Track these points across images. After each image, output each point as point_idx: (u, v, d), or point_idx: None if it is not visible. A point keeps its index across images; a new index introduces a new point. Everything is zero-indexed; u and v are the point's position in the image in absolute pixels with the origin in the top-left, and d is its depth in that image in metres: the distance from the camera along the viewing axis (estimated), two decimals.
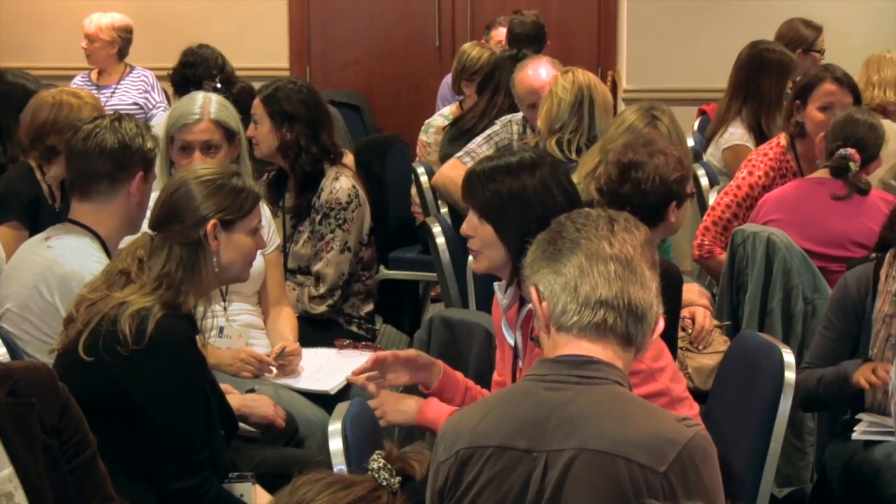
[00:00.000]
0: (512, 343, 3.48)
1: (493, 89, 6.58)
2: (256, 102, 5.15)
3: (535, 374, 2.56)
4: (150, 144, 4.04)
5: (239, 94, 6.06)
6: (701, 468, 2.39)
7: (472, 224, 3.56)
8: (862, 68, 6.17)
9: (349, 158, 5.58)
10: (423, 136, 7.11)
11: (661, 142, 4.10)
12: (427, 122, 7.19)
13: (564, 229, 2.61)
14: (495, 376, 3.67)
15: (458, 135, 6.49)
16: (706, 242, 5.33)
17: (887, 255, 4.01)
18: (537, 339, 2.71)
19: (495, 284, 3.67)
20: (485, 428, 2.52)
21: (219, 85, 6.15)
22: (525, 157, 3.57)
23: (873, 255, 4.07)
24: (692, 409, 3.37)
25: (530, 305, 3.52)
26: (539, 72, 5.95)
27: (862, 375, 3.86)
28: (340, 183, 5.08)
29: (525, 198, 3.48)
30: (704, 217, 5.42)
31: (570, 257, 2.55)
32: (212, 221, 3.50)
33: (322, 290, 5.04)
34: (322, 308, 5.05)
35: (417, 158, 6.98)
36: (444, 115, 7.15)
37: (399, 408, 3.62)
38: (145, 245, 3.49)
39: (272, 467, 3.84)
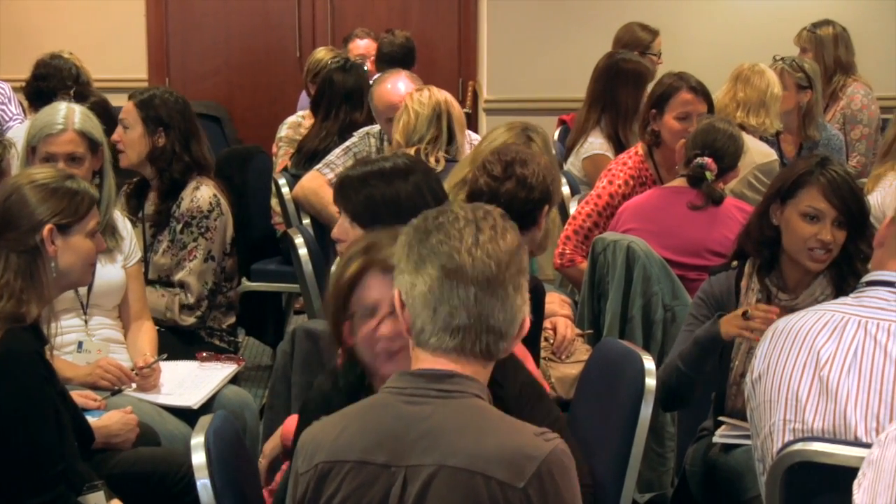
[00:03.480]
0: None
1: (325, 110, 6.58)
2: (129, 107, 5.09)
3: (394, 386, 2.54)
4: None
5: (92, 107, 5.98)
6: (559, 482, 2.40)
7: (344, 228, 3.57)
8: (729, 81, 6.22)
9: None
10: (277, 134, 7.08)
11: (533, 150, 4.13)
12: (283, 122, 7.16)
13: (430, 236, 2.54)
14: None
15: (304, 160, 6.46)
16: (567, 251, 5.37)
17: (746, 267, 4.07)
18: None
19: None
20: (344, 442, 2.50)
21: (72, 99, 6.06)
22: (399, 163, 3.59)
23: (734, 263, 4.12)
24: None
25: None
26: (398, 86, 5.95)
27: (735, 326, 3.83)
28: (201, 192, 5.04)
29: (398, 203, 3.50)
30: (566, 226, 5.46)
31: (430, 270, 2.51)
32: (47, 226, 3.45)
33: (191, 300, 5.00)
34: (191, 320, 5.01)
35: (277, 169, 6.94)
36: (300, 115, 7.13)
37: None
38: None
39: (129, 467, 3.80)
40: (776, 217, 3.95)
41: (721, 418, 4.02)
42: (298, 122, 6.98)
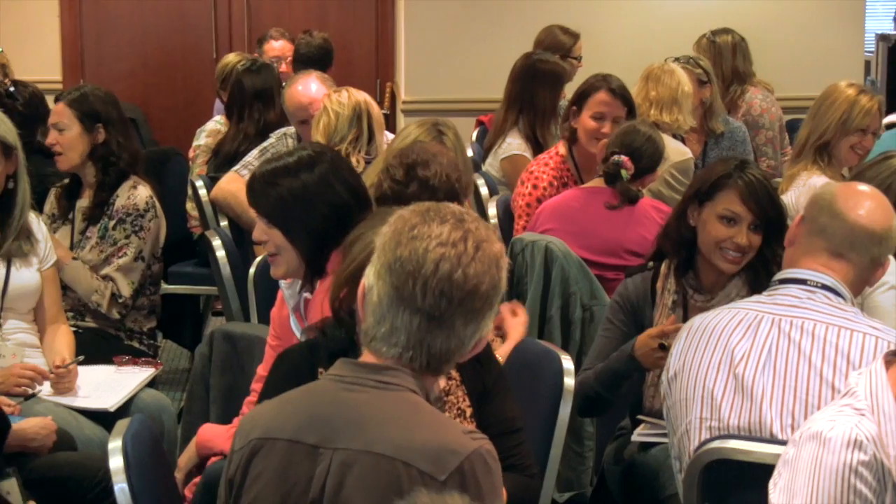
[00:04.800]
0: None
1: (238, 113, 6.56)
2: (60, 109, 5.04)
3: (335, 373, 2.56)
4: None
5: (30, 98, 5.95)
6: (481, 481, 2.40)
7: (262, 229, 3.56)
8: (640, 81, 6.27)
9: None
10: (195, 142, 7.02)
11: (437, 147, 4.14)
12: (199, 129, 7.11)
13: (399, 248, 2.46)
14: (261, 370, 3.66)
15: (222, 164, 6.43)
16: None
17: (662, 268, 4.09)
18: None
19: (282, 282, 3.66)
20: (279, 421, 2.52)
21: (12, 88, 6.01)
22: (303, 156, 3.58)
23: (650, 264, 4.14)
24: None
25: (306, 295, 3.53)
26: (309, 87, 5.93)
27: (654, 360, 3.83)
28: (139, 191, 5.05)
29: (307, 196, 3.50)
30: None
31: (386, 285, 2.47)
32: None
33: (126, 294, 4.98)
34: (116, 315, 5.01)
35: (195, 171, 6.90)
36: (217, 120, 7.08)
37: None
38: None
39: (45, 471, 3.77)
40: (693, 218, 3.97)
41: (639, 417, 4.05)
42: (217, 129, 6.93)
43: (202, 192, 6.31)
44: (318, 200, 3.49)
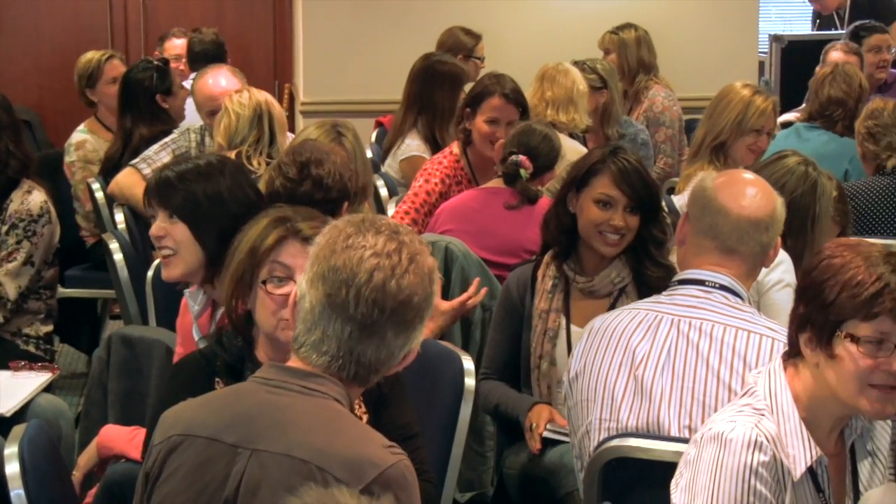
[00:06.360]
0: None
1: (131, 115, 6.46)
2: None
3: (261, 376, 2.56)
4: None
5: None
6: (398, 495, 2.40)
7: (161, 225, 3.52)
8: (535, 81, 6.32)
9: None
10: (66, 158, 6.81)
11: (329, 145, 4.15)
12: (66, 143, 6.92)
13: (334, 257, 2.48)
14: None
15: (111, 170, 6.33)
16: None
17: (546, 257, 4.16)
18: None
19: (186, 291, 3.64)
20: (201, 418, 2.52)
21: None
22: (211, 160, 3.60)
23: (535, 256, 4.23)
24: None
25: (222, 310, 3.52)
26: (219, 80, 5.90)
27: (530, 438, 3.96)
28: (33, 196, 5.02)
29: (221, 197, 3.49)
30: None
31: (318, 292, 2.48)
32: None
33: (11, 298, 4.92)
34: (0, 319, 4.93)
35: (77, 187, 6.75)
36: (81, 130, 6.91)
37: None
38: None
39: None
40: (572, 205, 4.08)
41: None
42: (84, 139, 6.78)
43: (98, 194, 6.24)
44: (230, 201, 3.49)
